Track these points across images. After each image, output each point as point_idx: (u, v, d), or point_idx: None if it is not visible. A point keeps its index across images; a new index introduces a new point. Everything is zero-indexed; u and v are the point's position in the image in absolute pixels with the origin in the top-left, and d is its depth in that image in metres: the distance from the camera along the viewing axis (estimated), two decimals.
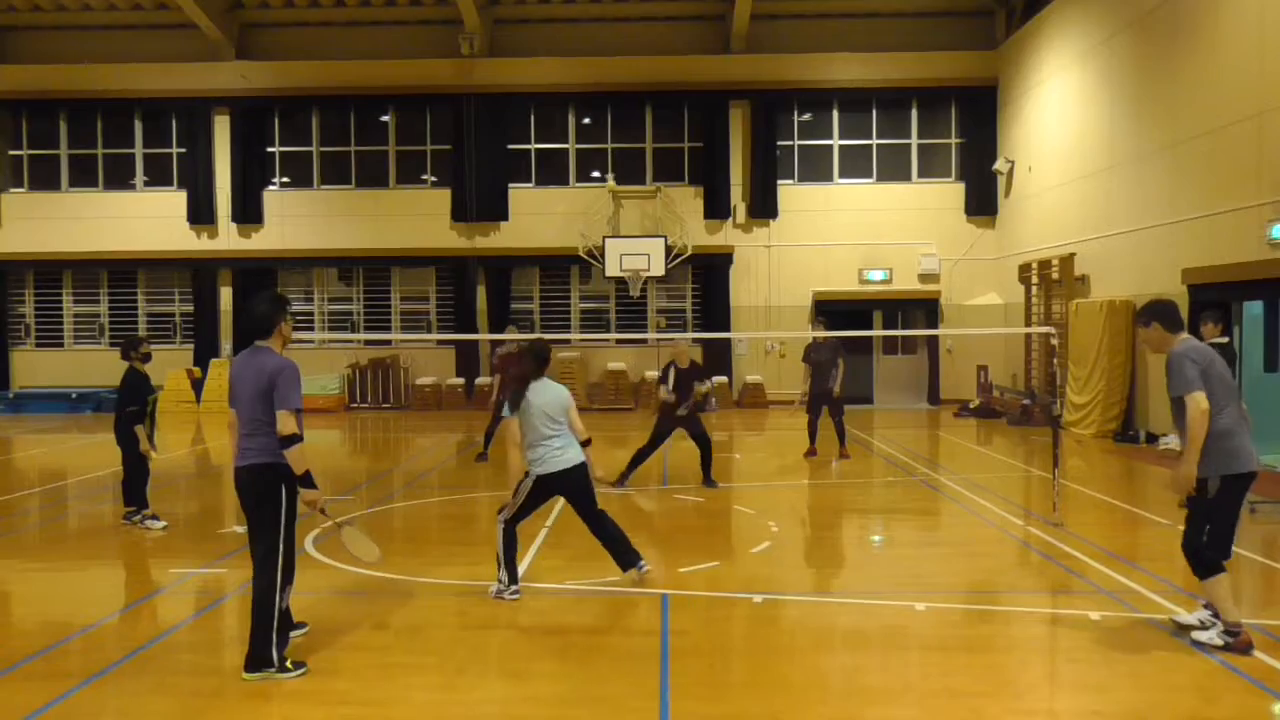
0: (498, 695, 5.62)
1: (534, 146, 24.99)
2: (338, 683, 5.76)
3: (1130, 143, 17.13)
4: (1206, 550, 6.14)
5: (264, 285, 25.15)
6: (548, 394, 7.64)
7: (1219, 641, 6.14)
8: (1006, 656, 6.37)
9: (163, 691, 5.73)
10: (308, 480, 5.85)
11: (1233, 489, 6.14)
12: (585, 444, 7.73)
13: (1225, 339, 11.10)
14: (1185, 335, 6.38)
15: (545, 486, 7.65)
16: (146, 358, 10.28)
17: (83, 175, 25.49)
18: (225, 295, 25.11)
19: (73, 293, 25.83)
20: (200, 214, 24.89)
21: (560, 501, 11.51)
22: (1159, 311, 6.42)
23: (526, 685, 5.77)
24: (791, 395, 13.43)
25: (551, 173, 24.96)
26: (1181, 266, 15.06)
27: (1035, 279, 21.01)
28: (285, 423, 5.73)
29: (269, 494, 5.84)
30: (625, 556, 7.84)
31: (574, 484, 7.69)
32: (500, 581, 7.54)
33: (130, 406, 10.01)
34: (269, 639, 5.80)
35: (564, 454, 7.59)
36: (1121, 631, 6.67)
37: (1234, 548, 6.29)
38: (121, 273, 25.60)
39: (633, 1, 24.46)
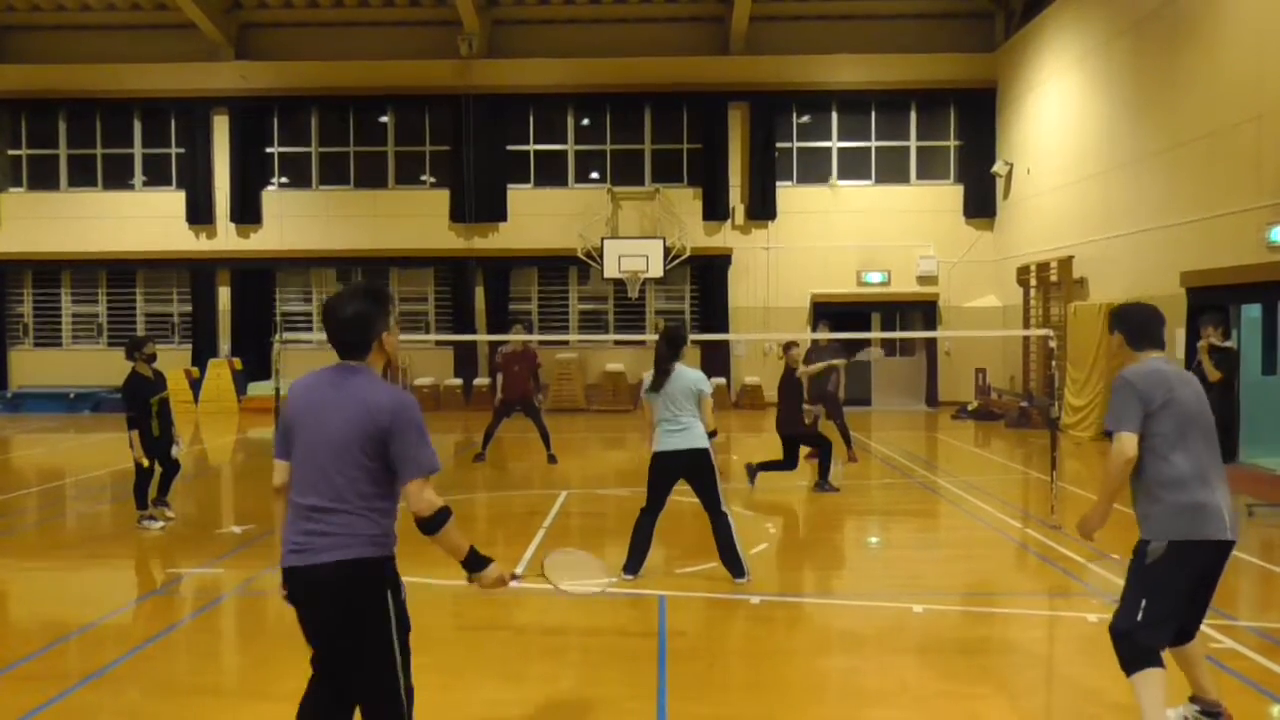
0: (494, 696, 5.61)
1: (533, 147, 24.98)
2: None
3: (1129, 145, 17.14)
4: (1139, 633, 4.64)
5: (263, 286, 25.19)
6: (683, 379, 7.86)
7: None
8: (1004, 659, 6.36)
9: (160, 692, 5.72)
10: (476, 562, 3.91)
11: (1183, 560, 4.63)
12: (711, 435, 7.86)
13: (1229, 343, 10.95)
14: (1155, 354, 4.92)
15: (659, 463, 7.94)
16: (151, 358, 10.24)
17: (82, 175, 25.47)
18: (224, 295, 25.09)
19: (71, 292, 25.79)
20: (199, 214, 24.87)
21: (558, 502, 11.58)
22: (1127, 319, 5.04)
23: (523, 686, 5.77)
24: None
25: (550, 174, 24.95)
26: (1180, 269, 15.06)
27: (1034, 281, 21.01)
28: (423, 499, 3.64)
29: (372, 609, 3.71)
30: (731, 563, 7.93)
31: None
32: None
33: (128, 412, 9.98)
34: None
35: (676, 437, 7.84)
36: None
37: (1203, 623, 4.94)
38: (120, 272, 25.56)
39: (632, 3, 24.45)
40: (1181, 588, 4.67)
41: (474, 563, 3.89)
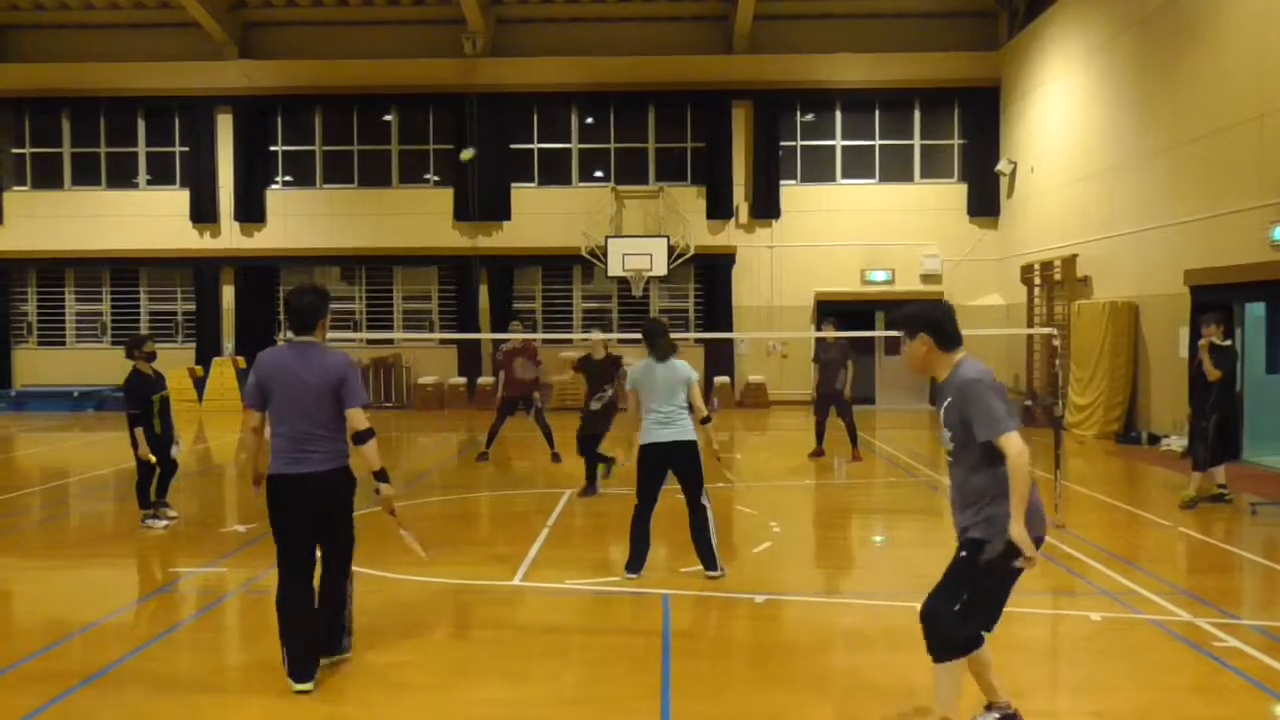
0: (497, 695, 5.61)
1: (537, 146, 24.99)
2: (337, 682, 5.76)
3: (1132, 144, 17.11)
4: (956, 623, 4.65)
5: (266, 284, 25.22)
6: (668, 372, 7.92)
7: None
8: (1007, 657, 6.32)
9: (163, 691, 5.73)
10: (385, 475, 5.82)
11: (1013, 556, 4.63)
12: (705, 420, 7.93)
13: (1228, 342, 10.95)
14: (963, 352, 4.78)
15: (647, 456, 7.95)
16: (151, 357, 10.25)
17: (85, 173, 25.51)
18: (227, 294, 25.12)
19: (75, 291, 25.84)
20: (203, 213, 24.90)
21: (561, 501, 11.57)
22: (930, 321, 4.73)
23: (526, 685, 5.76)
24: (792, 395, 13.37)
25: (554, 172, 24.96)
26: (1184, 268, 15.04)
27: (1037, 280, 20.99)
28: (361, 419, 5.73)
29: (347, 498, 5.86)
30: (706, 557, 7.97)
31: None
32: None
33: (131, 410, 9.99)
34: (346, 631, 6.04)
35: (667, 429, 7.90)
36: (1122, 632, 6.66)
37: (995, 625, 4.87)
38: (124, 271, 25.60)
39: (635, 1, 24.45)
40: (1006, 584, 4.80)
41: (382, 475, 5.79)
